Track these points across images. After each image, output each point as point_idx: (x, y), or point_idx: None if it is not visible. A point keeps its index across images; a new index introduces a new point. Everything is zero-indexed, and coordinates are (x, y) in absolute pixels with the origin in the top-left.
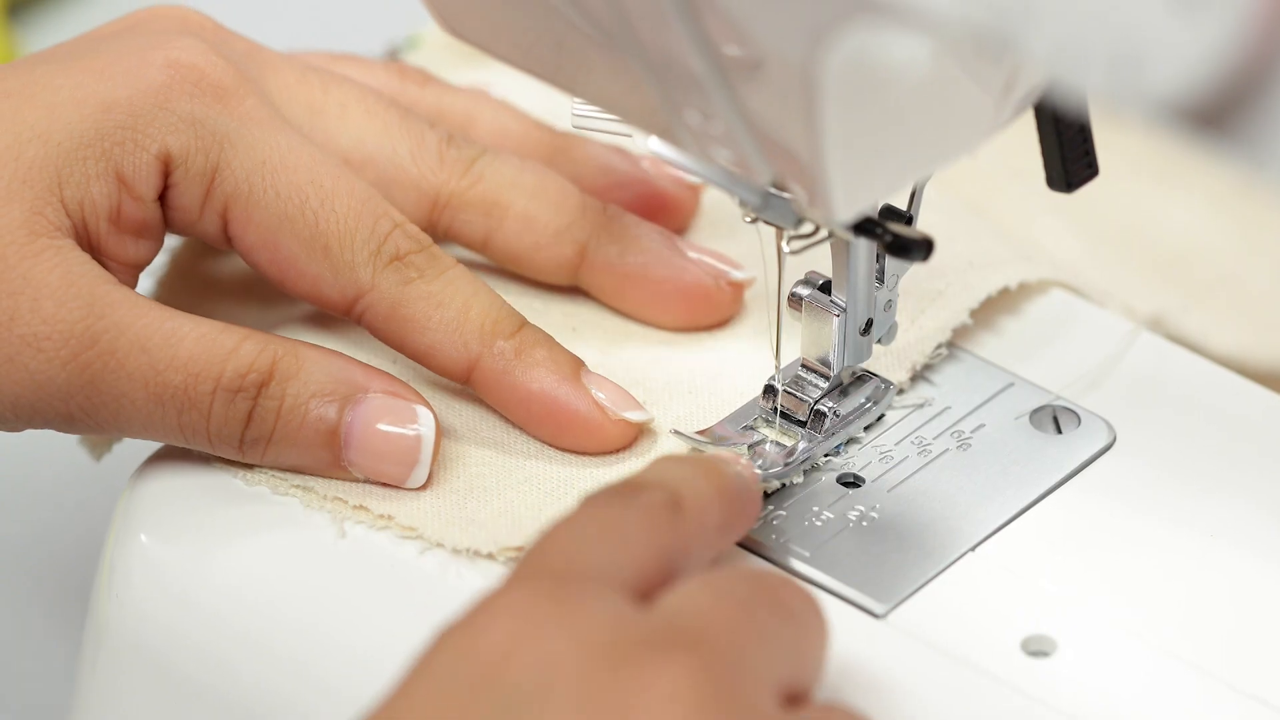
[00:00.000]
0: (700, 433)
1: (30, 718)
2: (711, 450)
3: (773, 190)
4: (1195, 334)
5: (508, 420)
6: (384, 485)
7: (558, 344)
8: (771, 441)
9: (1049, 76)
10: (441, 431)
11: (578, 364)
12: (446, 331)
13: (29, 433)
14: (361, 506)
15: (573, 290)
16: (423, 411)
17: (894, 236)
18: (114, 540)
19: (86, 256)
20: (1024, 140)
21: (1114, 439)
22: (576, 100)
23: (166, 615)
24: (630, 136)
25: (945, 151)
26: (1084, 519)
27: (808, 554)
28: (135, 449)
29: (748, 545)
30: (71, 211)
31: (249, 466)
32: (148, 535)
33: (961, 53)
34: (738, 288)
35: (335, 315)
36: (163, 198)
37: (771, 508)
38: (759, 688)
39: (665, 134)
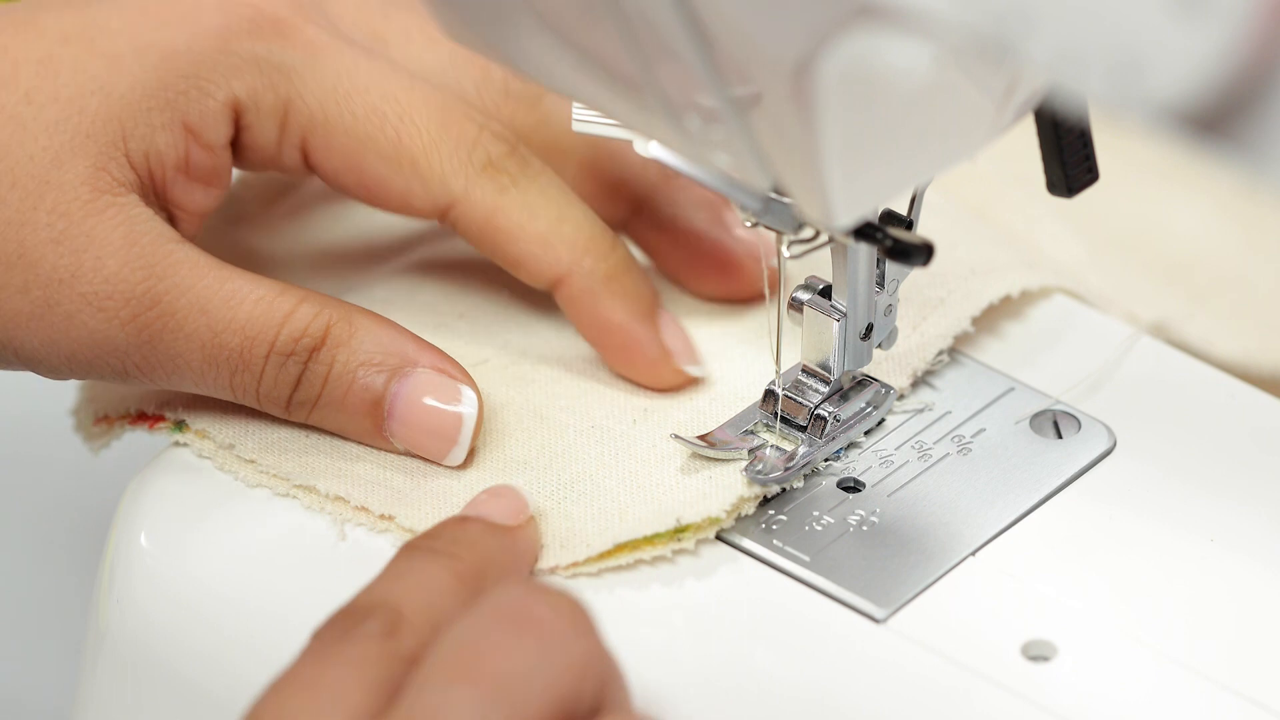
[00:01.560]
0: (700, 438)
1: (30, 718)
2: (712, 455)
3: (773, 195)
4: (1199, 340)
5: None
6: (422, 459)
7: (642, 274)
8: (772, 446)
9: (1049, 81)
10: (484, 415)
11: (655, 301)
12: (540, 243)
13: (30, 437)
14: (363, 508)
15: None
16: (467, 392)
17: (894, 241)
18: (114, 542)
19: (150, 213)
20: (1025, 145)
21: (1114, 444)
22: (578, 105)
23: (167, 617)
24: (631, 140)
25: (946, 156)
26: (1084, 524)
27: (808, 559)
28: (136, 450)
29: (748, 551)
30: (137, 165)
31: (249, 465)
32: (148, 537)
33: (962, 58)
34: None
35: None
36: (236, 140)
37: (772, 512)
38: None
39: (665, 138)
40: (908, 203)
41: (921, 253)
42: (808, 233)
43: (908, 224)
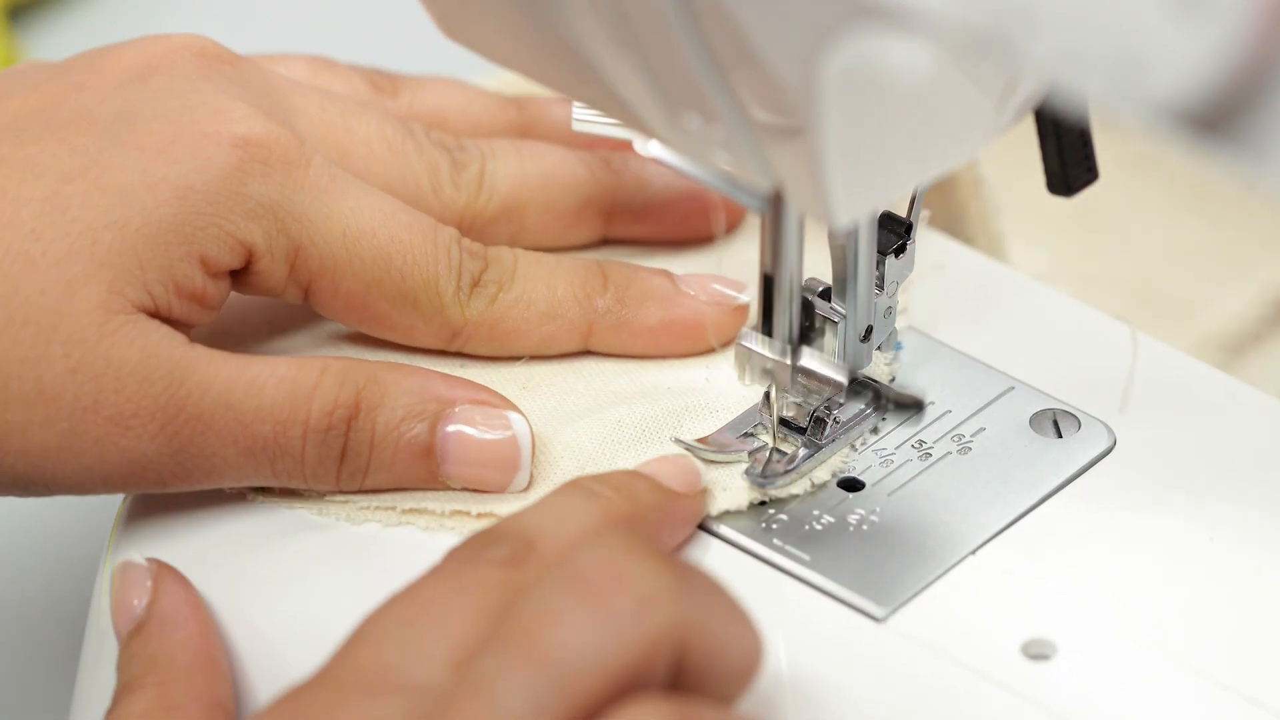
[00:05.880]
0: (700, 440)
1: (30, 718)
2: (713, 457)
3: (763, 352)
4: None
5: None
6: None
7: (641, 270)
8: (771, 448)
9: (1049, 81)
10: (535, 434)
11: (669, 278)
12: (549, 320)
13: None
14: (486, 514)
15: None
16: (513, 416)
17: (886, 400)
18: (115, 543)
19: (159, 324)
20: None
21: (1114, 443)
22: (577, 103)
23: None
24: (631, 140)
25: (946, 156)
26: (1084, 523)
27: (808, 558)
28: None
29: (748, 550)
30: (154, 292)
31: (347, 506)
32: (149, 538)
33: (962, 58)
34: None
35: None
36: (240, 273)
37: (772, 511)
38: None
39: (665, 137)
40: (908, 203)
41: (913, 409)
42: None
43: (907, 226)
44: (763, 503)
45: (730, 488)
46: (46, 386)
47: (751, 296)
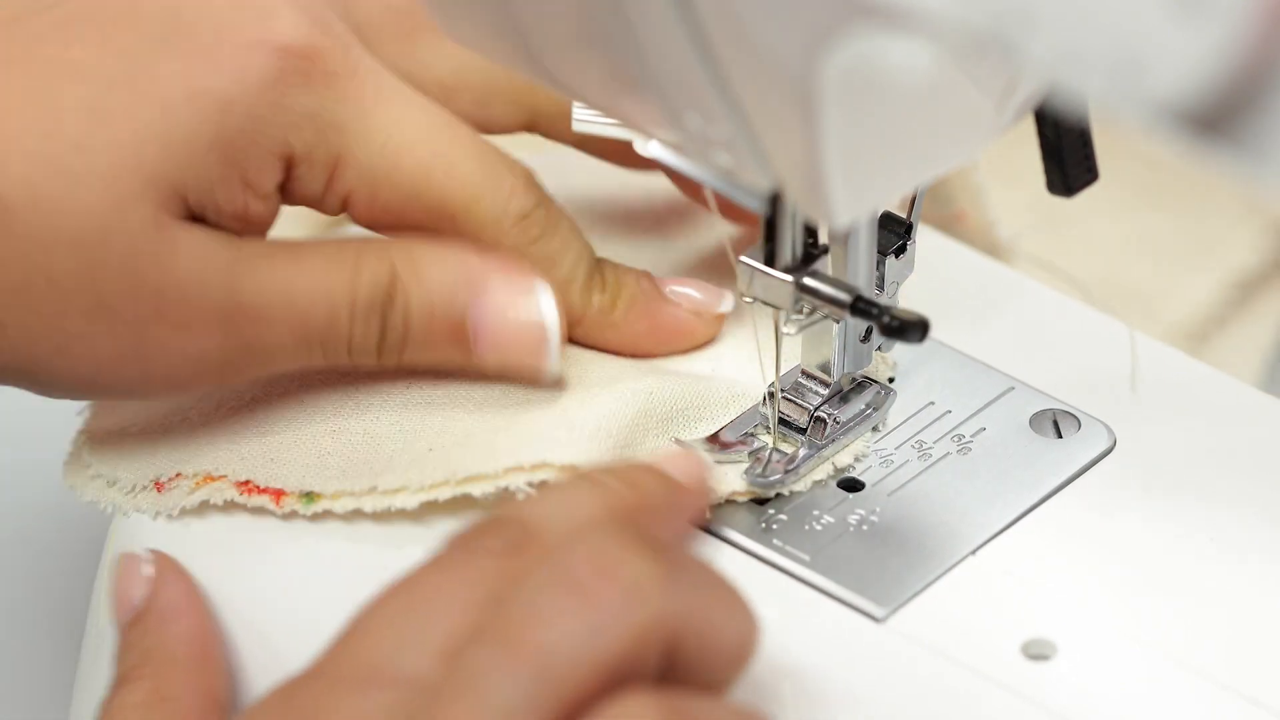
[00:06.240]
0: (700, 440)
1: (30, 718)
2: (713, 458)
3: (763, 268)
4: None
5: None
6: (515, 380)
7: (630, 271)
8: (772, 448)
9: (1049, 81)
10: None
11: (654, 281)
12: (558, 291)
13: (27, 436)
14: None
15: None
16: (541, 291)
17: (890, 318)
18: (114, 541)
19: (210, 230)
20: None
21: (1114, 443)
22: (578, 104)
23: None
24: (631, 139)
25: (946, 156)
26: (1084, 523)
27: (808, 558)
28: None
29: (748, 550)
30: (195, 209)
31: (399, 493)
32: (148, 536)
33: (962, 58)
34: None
35: None
36: (281, 184)
37: (772, 511)
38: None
39: (665, 137)
40: (908, 203)
41: (917, 329)
42: (804, 308)
43: (907, 227)
44: (763, 502)
45: (729, 476)
46: (106, 299)
47: (731, 305)
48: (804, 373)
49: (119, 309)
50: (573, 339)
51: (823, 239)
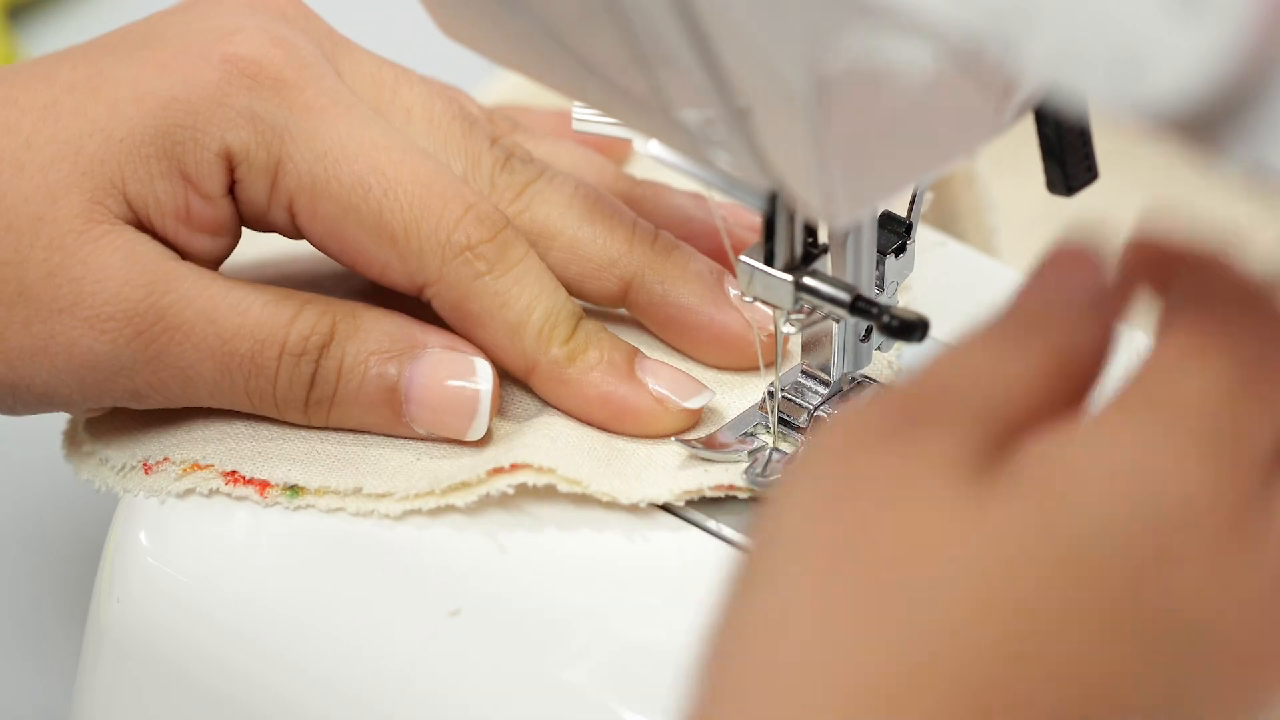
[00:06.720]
0: (700, 441)
1: (30, 718)
2: (713, 457)
3: (764, 269)
4: None
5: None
6: (445, 441)
7: (610, 339)
8: (772, 448)
9: (1049, 81)
10: (500, 384)
11: (632, 357)
12: (507, 333)
13: (27, 434)
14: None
15: None
16: (481, 364)
17: (890, 317)
18: (114, 540)
19: (147, 238)
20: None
21: None
22: (577, 103)
23: (167, 615)
24: (631, 139)
25: (945, 155)
26: None
27: None
28: None
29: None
30: (136, 207)
31: (384, 499)
32: (148, 535)
33: (962, 57)
34: (774, 338)
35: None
36: (231, 193)
37: None
38: None
39: (665, 138)
40: (907, 203)
41: (916, 329)
42: (805, 307)
43: (907, 226)
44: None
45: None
46: (27, 288)
47: (703, 402)
48: (804, 372)
49: (37, 298)
50: (527, 387)
51: (822, 238)
